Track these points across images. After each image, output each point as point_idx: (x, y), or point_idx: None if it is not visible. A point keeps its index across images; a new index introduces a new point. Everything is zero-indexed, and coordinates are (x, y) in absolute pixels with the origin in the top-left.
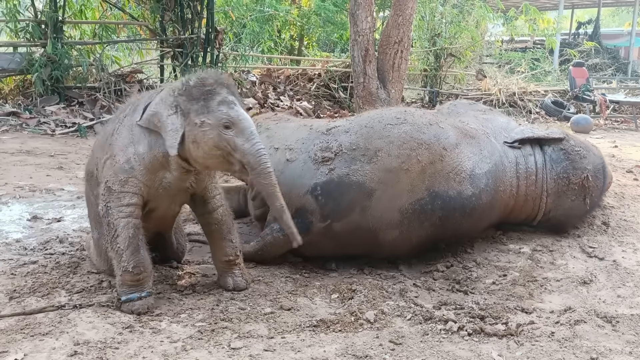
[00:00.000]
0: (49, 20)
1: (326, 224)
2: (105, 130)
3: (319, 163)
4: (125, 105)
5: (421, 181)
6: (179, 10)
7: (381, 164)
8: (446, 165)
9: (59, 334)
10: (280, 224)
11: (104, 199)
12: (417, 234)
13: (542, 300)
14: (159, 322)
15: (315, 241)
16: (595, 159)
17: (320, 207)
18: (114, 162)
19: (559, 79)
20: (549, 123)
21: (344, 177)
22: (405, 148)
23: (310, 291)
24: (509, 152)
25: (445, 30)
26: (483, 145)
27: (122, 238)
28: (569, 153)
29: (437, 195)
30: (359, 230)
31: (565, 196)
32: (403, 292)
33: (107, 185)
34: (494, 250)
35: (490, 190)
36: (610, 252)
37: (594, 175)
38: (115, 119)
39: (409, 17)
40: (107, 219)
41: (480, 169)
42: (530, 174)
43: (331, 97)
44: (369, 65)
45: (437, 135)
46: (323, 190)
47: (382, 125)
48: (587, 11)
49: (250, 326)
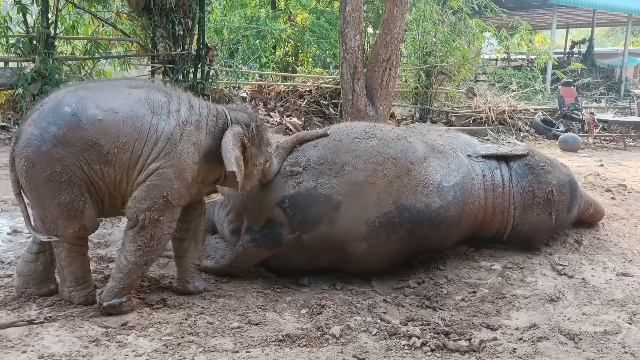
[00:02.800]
0: (40, 36)
1: (295, 236)
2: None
3: (287, 177)
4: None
5: (388, 195)
6: (171, 26)
7: (348, 177)
8: (413, 179)
9: (25, 347)
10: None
11: (158, 209)
12: (385, 247)
13: (509, 317)
14: (126, 335)
15: (285, 253)
16: (560, 175)
17: (289, 219)
18: (181, 176)
19: (549, 98)
20: (538, 141)
21: (311, 190)
22: (372, 162)
23: (280, 306)
24: (476, 166)
25: (437, 48)
26: (450, 160)
27: (160, 251)
28: (534, 168)
29: (404, 208)
30: (328, 243)
31: (531, 210)
32: (371, 308)
33: (164, 197)
34: (465, 267)
35: (459, 202)
36: (580, 270)
37: (559, 190)
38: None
39: (398, 36)
40: (153, 230)
41: (447, 182)
42: (497, 186)
43: (321, 113)
44: (358, 83)
45: (405, 149)
46: (291, 202)
47: (350, 139)
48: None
49: (216, 340)
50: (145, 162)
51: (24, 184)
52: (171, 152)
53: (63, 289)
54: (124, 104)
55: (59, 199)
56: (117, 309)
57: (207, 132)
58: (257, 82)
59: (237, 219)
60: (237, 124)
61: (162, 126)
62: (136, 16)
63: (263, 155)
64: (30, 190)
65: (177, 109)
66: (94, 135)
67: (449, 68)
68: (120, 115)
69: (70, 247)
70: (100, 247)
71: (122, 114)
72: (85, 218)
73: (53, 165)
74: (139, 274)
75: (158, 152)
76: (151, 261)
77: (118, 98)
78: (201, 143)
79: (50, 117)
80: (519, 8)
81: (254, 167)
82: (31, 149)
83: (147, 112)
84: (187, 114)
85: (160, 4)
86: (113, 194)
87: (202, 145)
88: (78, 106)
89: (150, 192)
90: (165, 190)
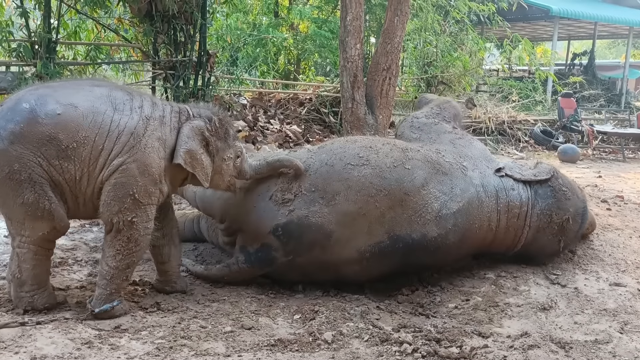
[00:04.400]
0: (42, 40)
1: (289, 259)
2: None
3: (279, 204)
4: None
5: (380, 225)
6: (172, 33)
7: (339, 207)
8: (407, 209)
9: (17, 348)
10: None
11: (129, 209)
12: (378, 269)
13: (501, 325)
14: (119, 338)
15: (279, 271)
16: (578, 202)
17: (282, 245)
18: (146, 172)
19: (549, 109)
20: (537, 152)
21: (303, 219)
22: (363, 194)
23: (274, 311)
24: (489, 185)
25: (438, 58)
26: (455, 182)
27: (141, 252)
28: (556, 192)
29: (398, 238)
30: (321, 264)
31: (543, 233)
32: (364, 314)
33: (131, 195)
34: (459, 275)
35: (460, 229)
36: (573, 280)
37: (574, 218)
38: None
39: (398, 45)
40: (129, 233)
41: (448, 209)
42: (513, 207)
43: (321, 121)
44: (357, 91)
45: (400, 179)
46: (284, 230)
47: (343, 165)
48: (584, 43)
49: (208, 344)
50: (108, 158)
51: None
52: (135, 146)
53: (21, 294)
54: (85, 100)
55: (23, 199)
56: (109, 313)
57: (171, 127)
58: (257, 90)
59: (233, 234)
60: (198, 118)
61: (125, 121)
62: (138, 22)
63: (232, 149)
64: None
65: (139, 105)
66: (52, 130)
67: (450, 78)
68: (80, 110)
69: (37, 250)
70: (96, 251)
71: (82, 109)
72: (54, 219)
73: (11, 163)
74: (124, 278)
75: (121, 147)
76: (133, 264)
77: (79, 94)
78: (166, 138)
79: (8, 114)
80: (521, 19)
81: (222, 161)
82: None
83: (108, 108)
84: (150, 110)
85: (162, 11)
86: (74, 192)
87: (167, 141)
88: (37, 102)
89: (117, 192)
90: (131, 188)
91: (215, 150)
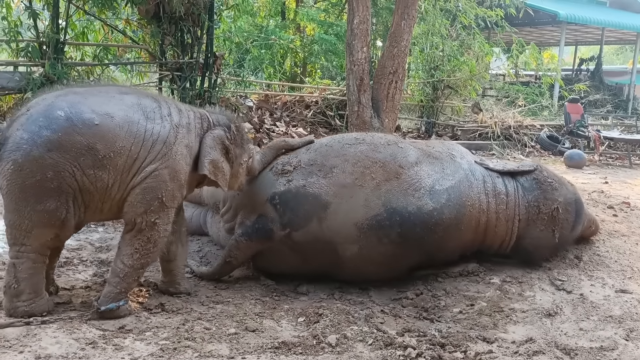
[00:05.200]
0: (50, 41)
1: (286, 233)
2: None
3: (278, 174)
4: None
5: (377, 197)
6: (179, 35)
7: (336, 179)
8: (403, 182)
9: (22, 347)
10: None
11: (154, 211)
12: (377, 250)
13: (506, 330)
14: (123, 339)
15: (278, 251)
16: (567, 193)
17: (279, 215)
18: (175, 177)
19: (556, 114)
20: (543, 157)
21: (300, 188)
22: (359, 166)
23: (278, 314)
24: (476, 171)
25: (444, 62)
26: (446, 165)
27: (156, 254)
28: (542, 183)
29: (394, 211)
30: (318, 242)
31: (534, 225)
32: (369, 318)
33: (159, 199)
34: (464, 280)
35: (454, 205)
36: (579, 286)
37: (565, 208)
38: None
39: (404, 49)
40: (149, 233)
41: (441, 185)
42: (499, 193)
43: (327, 124)
44: (364, 95)
45: (394, 154)
46: (281, 199)
47: (341, 145)
48: (591, 48)
49: (212, 346)
50: (141, 165)
51: (5, 186)
52: (167, 154)
53: (17, 304)
54: (119, 109)
55: (44, 206)
56: (114, 313)
57: (195, 134)
58: (264, 92)
59: (233, 218)
60: (219, 127)
61: (158, 130)
62: (145, 24)
63: (246, 153)
64: (11, 194)
65: (168, 112)
66: (90, 140)
67: (456, 82)
68: (117, 120)
69: (35, 258)
70: (102, 251)
71: (118, 119)
72: (64, 228)
73: (44, 171)
74: (135, 278)
75: (155, 155)
76: (147, 265)
77: (112, 103)
78: (192, 145)
79: (41, 121)
80: (528, 24)
81: (239, 166)
82: (20, 152)
83: (141, 117)
84: (178, 118)
85: (170, 13)
86: (102, 198)
87: (192, 148)
88: (72, 110)
89: (146, 194)
90: (160, 192)
91: (234, 157)
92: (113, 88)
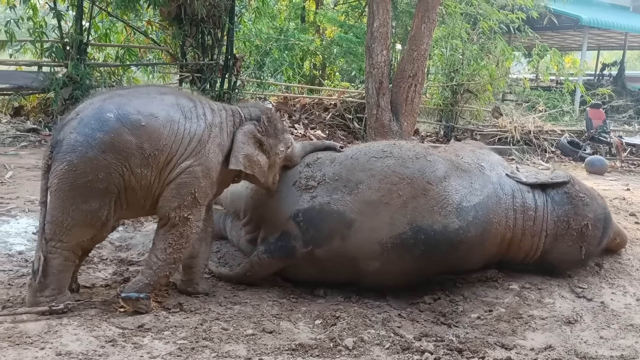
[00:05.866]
0: (74, 42)
1: (308, 250)
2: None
3: (302, 190)
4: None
5: (402, 215)
6: (200, 36)
7: (361, 196)
8: (430, 199)
9: (43, 344)
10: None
11: (187, 206)
12: (399, 266)
13: (525, 337)
14: (142, 337)
15: (299, 265)
16: (598, 208)
17: (302, 232)
18: (208, 175)
19: (577, 120)
20: (564, 163)
21: (324, 205)
22: (386, 182)
23: (295, 316)
24: (506, 185)
25: (464, 66)
26: (474, 178)
27: (188, 250)
28: (573, 197)
29: (420, 229)
30: (341, 258)
31: (562, 240)
32: (386, 322)
33: (192, 194)
34: (482, 285)
35: (481, 222)
36: (600, 294)
37: (594, 224)
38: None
39: (424, 53)
40: (182, 228)
41: (468, 202)
42: (528, 209)
43: (346, 127)
44: (383, 98)
45: (422, 169)
46: (304, 216)
47: (367, 158)
48: (614, 53)
49: (230, 346)
50: (178, 161)
51: (55, 184)
52: (200, 151)
53: (39, 299)
54: (161, 109)
55: (88, 206)
56: (133, 303)
57: (227, 132)
58: (282, 94)
59: (255, 230)
60: (249, 121)
61: (194, 128)
62: (167, 25)
63: (282, 143)
64: (60, 192)
65: (203, 112)
66: (138, 140)
67: (476, 86)
68: (160, 120)
69: (68, 256)
70: (122, 250)
71: (161, 119)
72: (102, 229)
73: (97, 172)
74: (167, 273)
75: (190, 152)
76: (179, 260)
77: (154, 104)
78: (224, 144)
79: (93, 123)
80: (549, 29)
81: (275, 156)
82: (76, 154)
83: (180, 116)
84: (211, 117)
85: (191, 14)
86: (144, 195)
87: (224, 146)
88: (120, 112)
89: (180, 190)
90: (193, 187)
91: (269, 148)
92: (153, 89)
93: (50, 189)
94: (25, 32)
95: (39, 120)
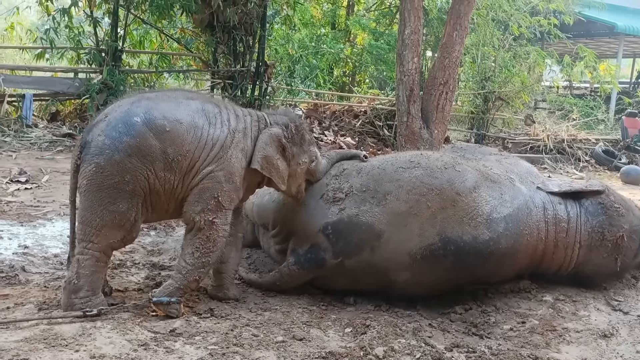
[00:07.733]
0: (109, 48)
1: (338, 261)
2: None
3: (330, 203)
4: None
5: (431, 226)
6: (232, 44)
7: (390, 207)
8: (459, 210)
9: (78, 347)
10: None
11: (211, 210)
12: (429, 277)
13: (559, 350)
14: (173, 342)
15: (329, 275)
16: (634, 219)
17: (332, 245)
18: (230, 179)
19: (612, 128)
20: (598, 172)
21: (353, 217)
22: (415, 193)
23: (325, 323)
24: (536, 197)
25: (496, 74)
26: (505, 190)
27: (216, 254)
28: (607, 208)
29: (449, 240)
30: (370, 269)
31: (597, 251)
32: (416, 331)
33: (215, 198)
34: (515, 297)
35: (512, 234)
36: (636, 307)
37: (630, 235)
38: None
39: (456, 60)
40: (208, 232)
41: (498, 213)
42: (560, 221)
43: (375, 134)
44: (413, 105)
45: (451, 179)
46: (334, 229)
47: (394, 168)
48: None
49: (260, 353)
50: (201, 166)
51: (84, 185)
52: (222, 157)
53: (74, 301)
54: (186, 115)
55: (116, 207)
56: (164, 307)
57: (251, 137)
58: (313, 101)
59: (284, 242)
60: (275, 125)
61: (217, 134)
62: (200, 33)
63: (307, 154)
64: (89, 193)
65: (227, 118)
66: (163, 145)
67: (508, 94)
68: (184, 125)
69: (99, 257)
70: (154, 255)
71: (185, 124)
72: (131, 231)
73: (123, 174)
74: (196, 277)
75: (213, 157)
76: (208, 264)
77: (180, 109)
78: (247, 149)
79: (120, 127)
80: (584, 36)
81: (297, 165)
82: (104, 157)
83: (205, 122)
84: (235, 123)
85: (223, 22)
86: (168, 199)
87: (248, 151)
88: (147, 117)
89: (203, 194)
90: (216, 192)
91: (291, 156)
92: (180, 93)
93: (79, 189)
94: (63, 39)
95: (74, 126)
